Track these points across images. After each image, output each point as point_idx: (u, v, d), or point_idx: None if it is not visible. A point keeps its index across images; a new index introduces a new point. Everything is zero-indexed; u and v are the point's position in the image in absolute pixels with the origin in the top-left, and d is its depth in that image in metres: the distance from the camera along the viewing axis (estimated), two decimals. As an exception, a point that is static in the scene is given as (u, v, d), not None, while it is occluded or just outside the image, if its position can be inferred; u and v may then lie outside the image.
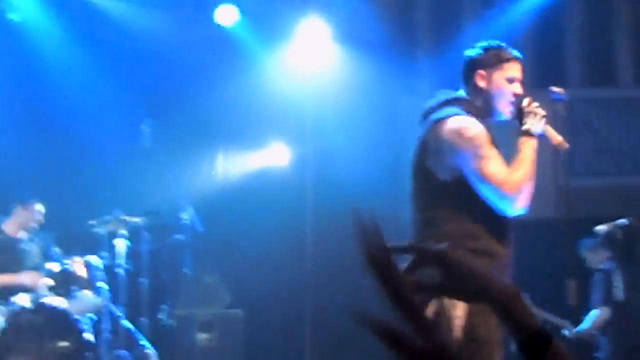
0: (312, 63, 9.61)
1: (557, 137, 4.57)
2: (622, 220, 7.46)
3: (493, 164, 4.27)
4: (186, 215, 7.75)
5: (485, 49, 4.60)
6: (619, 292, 7.53)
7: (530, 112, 4.46)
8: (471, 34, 9.67)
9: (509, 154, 4.42)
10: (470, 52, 4.62)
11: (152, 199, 7.90)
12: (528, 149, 4.38)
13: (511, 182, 4.25)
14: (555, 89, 4.95)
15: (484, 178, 4.25)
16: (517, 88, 4.54)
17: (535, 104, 4.51)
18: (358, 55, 9.45)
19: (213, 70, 9.24)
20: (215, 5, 9.20)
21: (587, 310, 7.66)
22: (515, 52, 4.62)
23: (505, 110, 4.52)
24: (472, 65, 4.58)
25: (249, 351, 8.67)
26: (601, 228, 7.56)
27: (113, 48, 8.80)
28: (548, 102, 5.08)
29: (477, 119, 4.41)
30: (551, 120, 4.66)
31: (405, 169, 4.67)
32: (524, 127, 4.43)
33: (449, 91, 4.63)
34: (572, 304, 6.49)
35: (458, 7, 10.14)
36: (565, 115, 4.93)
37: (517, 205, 4.30)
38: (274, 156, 10.04)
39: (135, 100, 8.55)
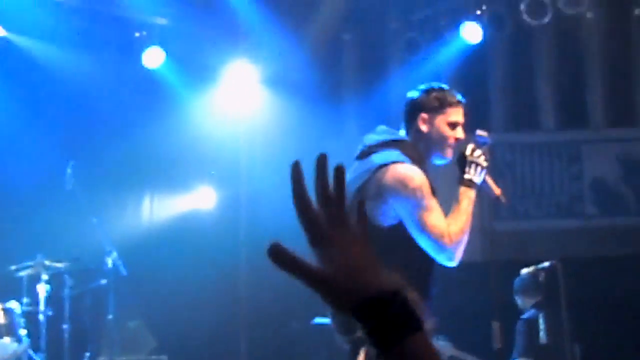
0: (240, 105, 9.62)
1: (496, 189, 4.57)
2: (544, 263, 7.50)
3: (434, 216, 4.24)
4: (110, 260, 7.65)
5: (429, 92, 4.53)
6: (542, 336, 7.55)
7: (472, 162, 4.42)
8: (397, 78, 9.73)
9: (446, 195, 4.39)
10: (413, 94, 4.56)
11: (76, 243, 7.82)
12: (467, 200, 4.36)
13: (450, 236, 4.23)
14: (480, 132, 4.90)
15: (424, 230, 4.22)
16: (460, 133, 4.50)
17: (478, 152, 4.47)
18: (286, 97, 9.47)
19: (140, 112, 9.23)
20: (143, 48, 9.11)
21: (512, 353, 7.66)
22: (459, 96, 4.58)
23: (446, 155, 4.48)
24: (415, 108, 4.51)
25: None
26: (525, 271, 7.60)
27: (38, 90, 8.71)
28: (474, 144, 5.04)
29: (418, 165, 4.36)
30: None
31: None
32: (466, 177, 4.40)
33: (390, 130, 4.56)
34: (497, 347, 6.48)
35: (384, 52, 10.20)
36: (488, 158, 4.89)
37: (454, 258, 4.28)
38: (202, 199, 10.00)
39: (60, 142, 8.48)
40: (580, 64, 10.26)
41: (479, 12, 9.36)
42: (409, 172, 4.27)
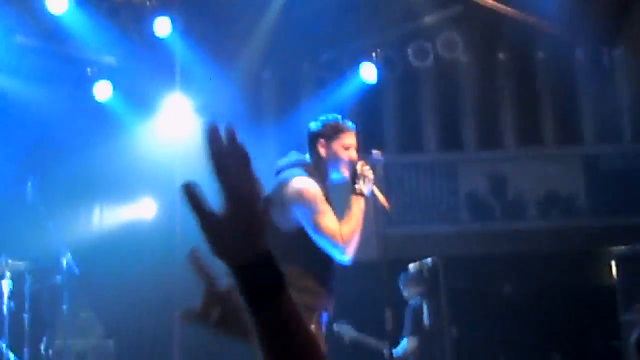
0: (176, 130, 9.51)
1: (382, 198, 4.69)
2: (427, 259, 7.59)
3: (327, 218, 4.31)
4: (64, 260, 7.50)
5: (325, 123, 4.63)
6: (426, 320, 7.63)
7: (361, 175, 4.51)
8: (308, 109, 9.78)
9: (343, 210, 4.45)
10: (313, 125, 4.65)
11: (35, 246, 7.61)
12: (357, 207, 4.43)
13: (342, 235, 4.29)
14: (375, 152, 4.99)
15: (319, 230, 4.29)
16: (353, 153, 4.58)
17: (367, 167, 4.57)
18: (216, 124, 9.39)
19: (91, 136, 9.09)
20: (93, 82, 8.99)
21: (401, 333, 7.72)
22: (350, 124, 4.68)
23: (343, 172, 4.55)
24: (314, 136, 4.61)
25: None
26: (412, 265, 7.68)
27: (3, 116, 8.46)
28: (370, 163, 5.11)
29: (317, 180, 4.43)
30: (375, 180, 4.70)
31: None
32: (356, 187, 4.48)
33: (298, 154, 4.63)
34: (389, 329, 6.52)
35: (297, 87, 10.26)
36: (382, 174, 4.95)
37: (346, 253, 4.33)
38: (144, 209, 9.92)
39: (22, 161, 8.29)
40: (456, 98, 10.49)
41: (374, 55, 9.47)
42: (304, 185, 4.35)
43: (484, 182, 10.41)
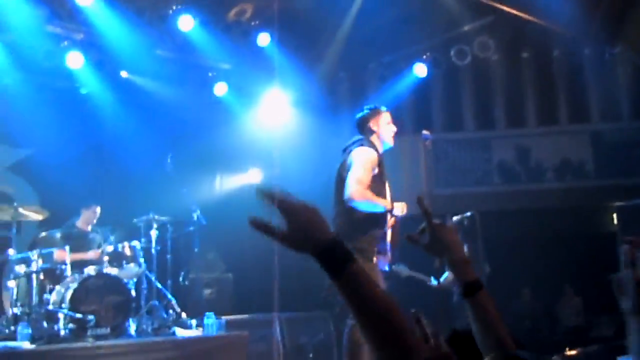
0: (276, 118, 9.64)
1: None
2: (468, 213, 7.58)
3: (362, 175, 4.36)
4: (195, 215, 7.71)
5: (369, 109, 4.79)
6: (466, 257, 7.65)
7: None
8: (374, 99, 9.77)
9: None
10: (360, 114, 4.79)
11: (173, 204, 7.80)
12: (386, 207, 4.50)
13: (361, 192, 4.32)
14: (425, 132, 5.05)
15: (351, 175, 4.37)
16: (393, 127, 4.73)
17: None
18: (304, 113, 9.51)
19: (212, 122, 9.24)
20: (214, 83, 9.18)
21: (444, 269, 7.75)
22: (384, 107, 4.81)
23: (389, 141, 4.65)
24: (365, 120, 4.75)
25: (237, 301, 8.61)
26: (454, 218, 7.68)
27: (147, 108, 8.68)
28: (421, 141, 5.17)
29: (374, 149, 4.48)
30: (422, 151, 4.76)
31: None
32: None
33: (357, 135, 4.72)
34: (436, 267, 6.58)
35: (365, 82, 10.25)
36: (430, 148, 5.02)
37: (353, 198, 4.31)
38: (252, 177, 10.06)
39: (163, 142, 8.48)
40: (489, 88, 10.34)
41: (424, 56, 9.43)
42: (365, 150, 4.49)
43: (512, 153, 10.29)
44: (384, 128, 4.69)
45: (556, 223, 9.62)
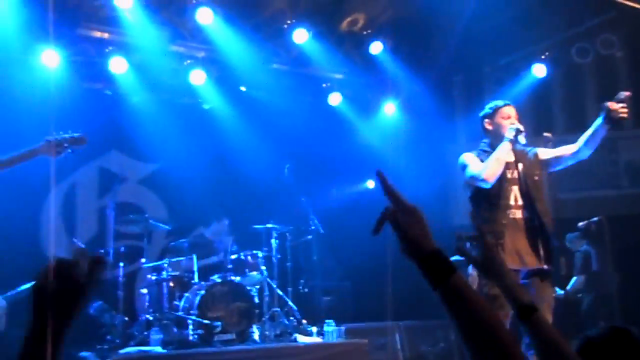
0: (391, 125, 9.63)
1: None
2: (595, 218, 7.27)
3: (472, 163, 4.52)
4: (313, 223, 7.79)
5: (487, 107, 4.75)
6: (594, 265, 7.32)
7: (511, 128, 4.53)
8: (491, 100, 9.55)
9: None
10: (480, 113, 4.76)
11: (292, 213, 7.94)
12: (500, 148, 4.47)
13: (481, 169, 4.42)
14: (546, 134, 4.90)
15: (467, 170, 4.52)
16: (512, 120, 4.59)
17: (514, 123, 4.56)
18: (419, 119, 9.42)
19: (327, 132, 9.31)
20: (328, 93, 9.28)
21: (573, 274, 7.43)
22: (504, 102, 4.74)
23: (506, 135, 4.52)
24: (482, 119, 4.74)
25: (355, 309, 8.65)
26: (581, 224, 7.39)
27: (265, 120, 8.86)
28: (543, 143, 5.00)
29: (489, 150, 4.56)
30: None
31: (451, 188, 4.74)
32: (506, 137, 4.50)
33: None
34: (562, 274, 6.35)
35: (481, 86, 10.02)
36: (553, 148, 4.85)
37: (483, 179, 4.39)
38: (366, 186, 10.06)
39: (281, 152, 8.60)
40: (614, 87, 9.79)
41: (543, 57, 9.10)
42: (463, 155, 4.62)
43: (641, 154, 9.72)
44: (501, 124, 4.60)
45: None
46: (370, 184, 10.11)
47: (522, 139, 4.44)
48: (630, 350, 1.79)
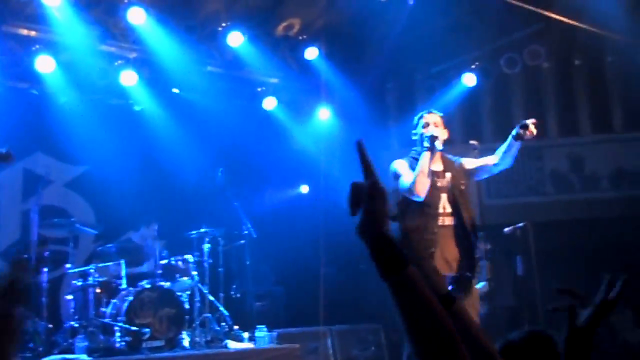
0: (324, 130, 9.66)
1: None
2: (519, 224, 7.46)
3: (404, 174, 4.55)
4: (246, 228, 7.73)
5: (415, 118, 4.86)
6: (519, 270, 7.49)
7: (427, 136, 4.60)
8: (423, 109, 9.70)
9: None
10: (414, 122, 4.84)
11: (225, 218, 7.84)
12: (422, 158, 4.53)
13: (410, 180, 4.46)
14: (472, 142, 5.02)
15: (400, 181, 4.54)
16: (430, 127, 4.67)
17: (431, 129, 4.64)
18: (352, 125, 9.48)
19: (261, 137, 9.27)
20: (262, 97, 9.24)
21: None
22: (426, 111, 4.88)
23: (423, 144, 4.60)
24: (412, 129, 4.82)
25: (288, 314, 8.64)
26: (507, 229, 7.56)
27: (197, 123, 8.75)
28: (470, 150, 5.10)
29: (418, 157, 4.59)
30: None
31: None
32: (424, 146, 4.57)
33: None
34: (488, 278, 6.47)
35: (413, 93, 10.21)
36: (479, 157, 4.95)
37: (413, 191, 4.43)
38: (300, 190, 10.08)
39: (214, 156, 8.52)
40: (540, 97, 10.15)
41: (473, 67, 9.33)
42: (394, 162, 4.67)
43: (565, 162, 10.06)
44: (421, 132, 4.72)
45: (611, 233, 9.34)
46: (304, 188, 10.12)
47: (438, 144, 4.51)
48: (547, 354, 1.83)
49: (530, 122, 4.46)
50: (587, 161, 9.98)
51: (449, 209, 4.57)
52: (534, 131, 4.42)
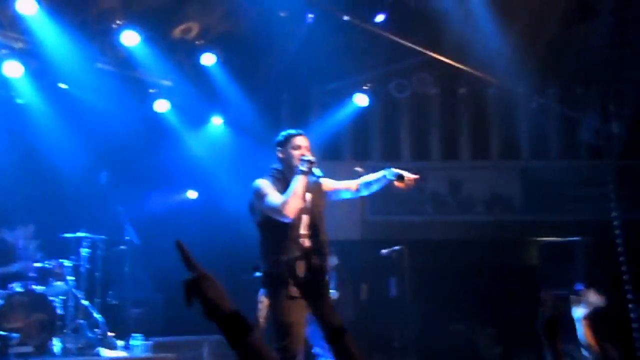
0: (215, 137, 9.67)
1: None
2: (396, 247, 7.74)
3: (270, 194, 4.21)
4: (128, 233, 7.62)
5: (280, 135, 4.54)
6: (393, 291, 7.78)
7: (304, 160, 4.30)
8: (316, 124, 9.96)
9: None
10: (276, 139, 4.56)
11: (106, 222, 7.69)
12: (295, 182, 4.23)
13: (280, 202, 4.16)
14: (358, 169, 5.00)
15: (264, 202, 4.23)
16: (303, 151, 4.40)
17: (308, 155, 4.34)
18: (244, 134, 9.55)
19: (151, 140, 9.16)
20: (155, 99, 9.12)
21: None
22: (297, 131, 4.54)
23: (297, 167, 4.33)
24: (275, 146, 4.53)
25: (166, 323, 8.56)
26: (384, 251, 7.82)
27: (84, 121, 8.49)
28: (354, 175, 5.15)
29: (282, 178, 4.38)
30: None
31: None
32: (299, 169, 4.28)
33: (275, 165, 4.53)
34: (362, 299, 6.74)
35: (308, 107, 10.41)
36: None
37: (283, 213, 4.16)
38: (187, 196, 10.03)
39: (99, 158, 8.35)
40: (426, 121, 10.63)
41: (365, 87, 9.64)
42: (256, 181, 4.33)
43: (445, 184, 10.58)
44: (291, 154, 4.44)
45: (482, 254, 9.93)
46: (192, 194, 10.07)
47: (317, 171, 4.29)
48: None
49: (411, 176, 4.36)
50: (464, 185, 10.55)
51: (308, 231, 4.43)
52: (408, 185, 4.33)
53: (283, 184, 4.33)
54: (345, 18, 8.04)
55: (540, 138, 10.39)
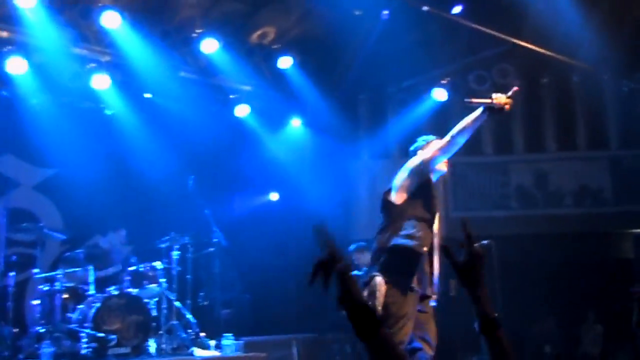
0: (295, 139, 9.77)
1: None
2: (484, 242, 7.60)
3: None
4: (215, 235, 7.77)
5: (422, 139, 4.76)
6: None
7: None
8: (393, 121, 9.92)
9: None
10: (414, 145, 4.72)
11: (195, 225, 7.86)
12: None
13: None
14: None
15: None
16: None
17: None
18: (323, 135, 9.62)
19: (232, 144, 9.35)
20: (235, 104, 9.31)
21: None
22: (434, 137, 4.76)
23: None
24: (413, 152, 4.66)
25: (255, 322, 8.69)
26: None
27: (169, 129, 8.75)
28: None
29: None
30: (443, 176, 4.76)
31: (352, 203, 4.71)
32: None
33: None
34: (452, 295, 6.62)
35: (385, 105, 10.37)
36: (449, 171, 5.03)
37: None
38: (271, 199, 10.16)
39: (185, 163, 8.53)
40: (509, 112, 10.37)
41: (444, 82, 9.54)
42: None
43: (530, 177, 10.34)
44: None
45: (573, 248, 9.65)
46: (274, 196, 10.21)
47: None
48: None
49: (513, 90, 4.41)
50: (551, 177, 10.28)
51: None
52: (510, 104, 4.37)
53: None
54: (425, 8, 7.96)
55: (630, 125, 9.98)
